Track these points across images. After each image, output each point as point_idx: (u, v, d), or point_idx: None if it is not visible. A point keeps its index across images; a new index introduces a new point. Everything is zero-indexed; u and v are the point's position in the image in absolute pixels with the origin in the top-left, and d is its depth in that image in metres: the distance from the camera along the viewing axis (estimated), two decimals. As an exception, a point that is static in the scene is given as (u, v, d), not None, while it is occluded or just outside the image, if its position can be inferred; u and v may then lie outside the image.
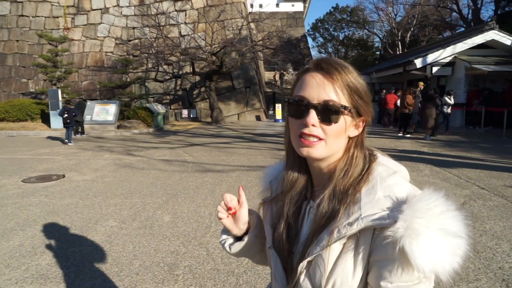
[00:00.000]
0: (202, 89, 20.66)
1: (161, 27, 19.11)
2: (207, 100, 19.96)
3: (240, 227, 0.95)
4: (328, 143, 0.75)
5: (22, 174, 7.05)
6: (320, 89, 0.74)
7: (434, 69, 14.84)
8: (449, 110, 12.60)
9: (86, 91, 21.21)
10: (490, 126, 13.34)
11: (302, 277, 0.75)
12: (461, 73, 14.55)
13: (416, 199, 0.66)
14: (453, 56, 14.68)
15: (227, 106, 21.15)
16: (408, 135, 12.24)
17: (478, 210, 4.51)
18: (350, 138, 0.79)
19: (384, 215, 0.67)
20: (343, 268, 0.70)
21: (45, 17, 22.09)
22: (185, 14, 22.19)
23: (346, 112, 0.74)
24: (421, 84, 12.96)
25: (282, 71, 29.38)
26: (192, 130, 15.89)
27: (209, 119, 19.86)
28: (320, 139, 0.75)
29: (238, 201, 0.94)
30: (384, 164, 0.77)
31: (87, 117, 15.46)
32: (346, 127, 0.76)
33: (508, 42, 14.30)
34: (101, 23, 22.17)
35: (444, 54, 14.68)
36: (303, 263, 0.74)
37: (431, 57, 14.67)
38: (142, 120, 16.25)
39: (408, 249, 0.62)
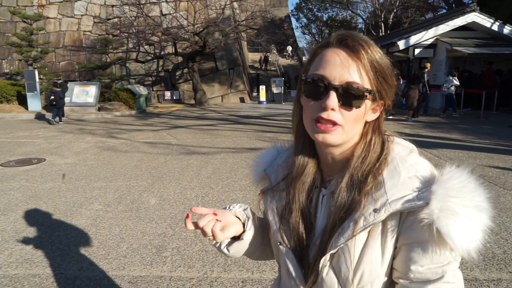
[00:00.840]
0: (185, 70, 20.29)
1: (142, 6, 18.50)
2: (190, 81, 19.64)
3: (232, 231, 0.82)
4: (345, 129, 0.69)
5: (0, 158, 6.85)
6: (344, 69, 0.66)
7: (417, 51, 14.99)
8: (452, 91, 12.24)
9: (64, 72, 20.50)
10: (468, 107, 13.68)
11: (325, 271, 0.70)
12: (443, 55, 14.75)
13: (447, 178, 0.64)
14: (435, 38, 14.83)
15: (211, 88, 20.89)
16: (390, 117, 12.43)
17: (457, 189, 4.67)
18: (367, 122, 0.73)
19: (413, 197, 0.63)
20: (371, 257, 0.66)
21: (18, -6, 21.01)
22: (166, -8, 21.51)
23: (369, 96, 0.68)
24: (428, 65, 12.78)
25: (266, 53, 28.97)
26: (175, 112, 15.69)
27: (192, 101, 19.61)
28: (338, 124, 0.68)
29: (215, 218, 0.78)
30: (400, 143, 0.73)
31: (66, 99, 14.99)
32: (366, 111, 0.70)
33: (488, 24, 14.52)
34: (78, 0, 21.26)
35: (426, 36, 14.81)
36: (326, 256, 0.69)
37: (413, 39, 14.79)
38: (124, 102, 15.89)
39: (445, 230, 0.60)
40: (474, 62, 14.87)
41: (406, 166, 0.68)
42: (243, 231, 0.85)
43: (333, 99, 0.66)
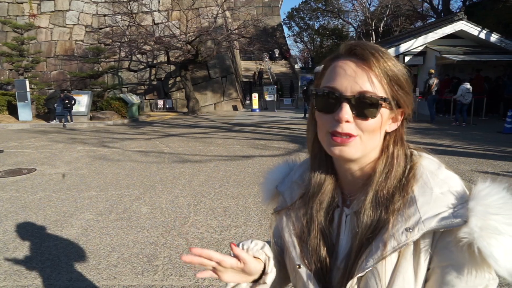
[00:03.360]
0: (178, 78, 20.32)
1: (134, 15, 18.55)
2: (183, 90, 19.66)
3: (250, 275, 0.77)
4: (363, 140, 0.65)
5: (-10, 168, 6.76)
6: (355, 78, 0.63)
7: (407, 58, 15.22)
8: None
9: (56, 81, 20.39)
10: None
11: None
12: (432, 62, 14.99)
13: (484, 194, 0.59)
14: (424, 45, 15.08)
15: (204, 96, 20.93)
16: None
17: (447, 194, 4.72)
18: (387, 133, 0.68)
19: (449, 215, 0.59)
20: (403, 280, 0.61)
21: (8, 3, 20.93)
22: (159, 1, 21.62)
23: (384, 104, 0.64)
24: (431, 71, 13.05)
25: (260, 68, 29.02)
26: (168, 121, 15.66)
27: (185, 109, 19.61)
28: (354, 135, 0.64)
29: (238, 258, 0.74)
30: (427, 157, 0.68)
31: (57, 108, 14.92)
32: (383, 121, 0.65)
33: (475, 33, 14.82)
34: (70, 9, 21.25)
35: (416, 44, 15.06)
36: (353, 280, 0.64)
37: (403, 47, 15.03)
38: (116, 111, 15.86)
39: (487, 250, 0.55)
40: (462, 69, 15.11)
41: (438, 181, 0.63)
42: (264, 273, 0.78)
43: (346, 111, 0.63)
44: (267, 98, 20.44)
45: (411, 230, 0.60)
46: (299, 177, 0.80)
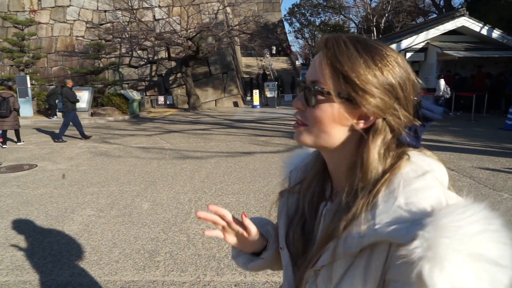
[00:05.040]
0: (179, 75, 20.30)
1: (134, 11, 18.48)
2: (184, 86, 19.64)
3: (252, 246, 0.83)
4: (311, 130, 0.65)
5: (-9, 164, 6.78)
6: (313, 68, 0.64)
7: (408, 54, 15.17)
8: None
9: (56, 77, 20.38)
10: (460, 110, 13.85)
11: (308, 286, 0.67)
12: (433, 58, 14.94)
13: (445, 212, 0.51)
14: (425, 42, 15.03)
15: (204, 92, 20.91)
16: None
17: (448, 191, 4.73)
18: (362, 134, 0.63)
19: (401, 228, 0.53)
20: (350, 284, 0.59)
21: (9, -1, 20.89)
22: (159, -3, 21.55)
23: (328, 96, 0.62)
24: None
25: (264, 70, 28.89)
26: (169, 117, 15.66)
27: (186, 106, 19.59)
28: (303, 124, 0.66)
29: (244, 227, 0.79)
30: (414, 162, 0.61)
31: (58, 104, 14.92)
32: (334, 115, 0.62)
33: (477, 29, 14.75)
34: (70, 5, 21.19)
35: (417, 40, 15.01)
36: (309, 272, 0.66)
37: (405, 43, 14.97)
38: (117, 107, 15.85)
39: (427, 276, 0.48)
40: (464, 65, 15.08)
41: (408, 190, 0.56)
42: (265, 249, 0.84)
43: (299, 97, 0.66)
44: (268, 94, 20.40)
45: (362, 236, 0.57)
46: (305, 164, 0.82)
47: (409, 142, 0.63)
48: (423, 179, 0.58)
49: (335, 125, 0.63)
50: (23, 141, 9.34)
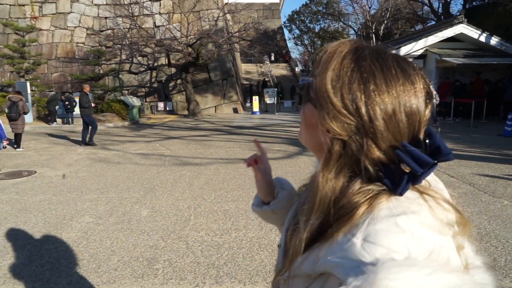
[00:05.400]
0: (178, 81, 20.35)
1: (135, 17, 18.61)
2: (184, 92, 19.69)
3: (265, 190, 0.93)
4: (302, 130, 0.65)
5: (-10, 171, 6.77)
6: None
7: (407, 61, 15.23)
8: None
9: (56, 84, 20.44)
10: (459, 117, 13.88)
11: None
12: (432, 65, 15.02)
13: (387, 266, 0.45)
14: (424, 49, 15.12)
15: (204, 99, 20.95)
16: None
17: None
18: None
19: (345, 267, 0.49)
20: None
21: (10, 5, 21.01)
22: (160, 4, 21.69)
23: (310, 101, 0.60)
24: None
25: (264, 78, 28.94)
26: (168, 123, 15.67)
27: (185, 112, 19.62)
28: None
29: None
30: (397, 200, 0.53)
31: (58, 110, 14.95)
32: (313, 122, 0.60)
33: (475, 36, 14.85)
34: (71, 12, 21.32)
35: (416, 47, 15.10)
36: (276, 281, 0.67)
37: (404, 50, 15.05)
38: (117, 113, 15.87)
39: None
40: (463, 72, 15.15)
41: (370, 228, 0.50)
42: (274, 198, 0.93)
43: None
44: (268, 101, 20.45)
45: (316, 262, 0.55)
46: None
47: (385, 182, 0.54)
48: (394, 221, 0.50)
49: (312, 131, 0.60)
50: (23, 148, 9.38)
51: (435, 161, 0.52)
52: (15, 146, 9.30)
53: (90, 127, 9.79)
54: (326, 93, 0.55)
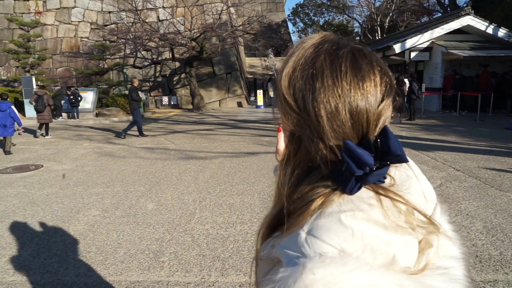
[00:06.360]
0: (183, 75, 20.33)
1: (138, 12, 18.55)
2: (188, 86, 19.67)
3: None
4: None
5: (-2, 165, 6.84)
6: None
7: (413, 54, 15.10)
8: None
9: (61, 78, 20.51)
10: (465, 110, 13.75)
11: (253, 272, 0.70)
12: (438, 58, 14.86)
13: (317, 260, 0.47)
14: (430, 41, 14.94)
15: (208, 93, 20.93)
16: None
17: (453, 191, 4.70)
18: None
19: (287, 255, 0.52)
20: (266, 286, 0.58)
21: (15, 0, 21.04)
22: (163, -2, 21.61)
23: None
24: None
25: (270, 76, 28.67)
26: (173, 117, 15.70)
27: (190, 106, 19.63)
28: None
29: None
30: (348, 198, 0.53)
31: (64, 105, 15.03)
32: (280, 113, 0.61)
33: (482, 28, 14.64)
34: (75, 7, 21.32)
35: (422, 39, 14.92)
36: (253, 261, 0.70)
37: (409, 42, 14.89)
38: (121, 107, 15.92)
39: None
40: (469, 64, 14.98)
41: (315, 222, 0.52)
42: None
43: None
44: (272, 94, 20.39)
45: (272, 248, 0.58)
46: None
47: (335, 180, 0.54)
48: (337, 217, 0.51)
49: (283, 122, 0.60)
50: (50, 135, 10.57)
51: (388, 162, 0.52)
52: (43, 134, 10.47)
53: (133, 121, 10.25)
54: (281, 90, 0.56)
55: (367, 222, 0.50)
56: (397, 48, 14.84)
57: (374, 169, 0.51)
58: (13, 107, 8.39)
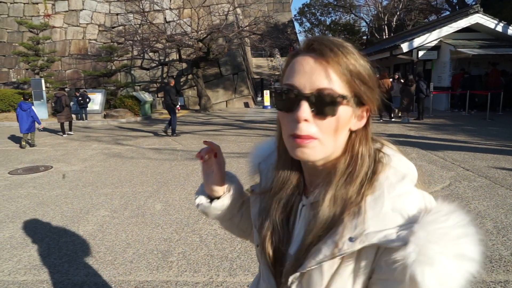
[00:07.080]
0: (190, 76, 20.41)
1: (146, 13, 18.68)
2: (195, 87, 19.75)
3: (215, 183, 0.86)
4: (324, 142, 0.62)
5: (8, 166, 6.94)
6: (313, 75, 0.60)
7: (420, 53, 14.96)
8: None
9: (70, 80, 20.73)
10: (474, 109, 13.60)
11: (294, 287, 0.66)
12: (447, 56, 14.71)
13: (430, 220, 0.56)
14: (438, 40, 14.80)
15: (215, 93, 20.99)
16: (393, 119, 12.34)
17: (463, 191, 4.65)
18: (352, 132, 0.66)
19: (392, 234, 0.57)
20: (341, 284, 0.62)
21: (24, 4, 21.33)
22: (170, 0, 21.73)
23: (345, 102, 0.61)
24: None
25: (278, 78, 28.70)
26: (180, 118, 15.76)
27: (197, 107, 19.70)
28: (314, 138, 0.62)
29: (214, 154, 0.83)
30: (393, 166, 0.63)
31: (73, 107, 15.17)
32: (346, 119, 0.63)
33: (492, 26, 14.46)
34: (83, 9, 21.54)
35: (430, 38, 14.78)
36: (296, 275, 0.65)
37: (417, 41, 14.77)
38: (129, 109, 16.04)
39: (420, 278, 0.53)
40: (478, 63, 14.80)
41: (393, 195, 0.59)
42: (223, 193, 0.90)
43: (304, 109, 0.60)
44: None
45: (354, 240, 0.58)
46: (273, 158, 0.80)
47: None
48: (404, 184, 0.61)
49: (344, 129, 0.64)
50: (72, 133, 11.42)
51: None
52: (60, 133, 11.29)
53: (171, 119, 10.48)
54: (372, 77, 0.65)
55: (414, 183, 0.65)
56: (404, 47, 14.73)
57: None
58: (33, 107, 9.37)
